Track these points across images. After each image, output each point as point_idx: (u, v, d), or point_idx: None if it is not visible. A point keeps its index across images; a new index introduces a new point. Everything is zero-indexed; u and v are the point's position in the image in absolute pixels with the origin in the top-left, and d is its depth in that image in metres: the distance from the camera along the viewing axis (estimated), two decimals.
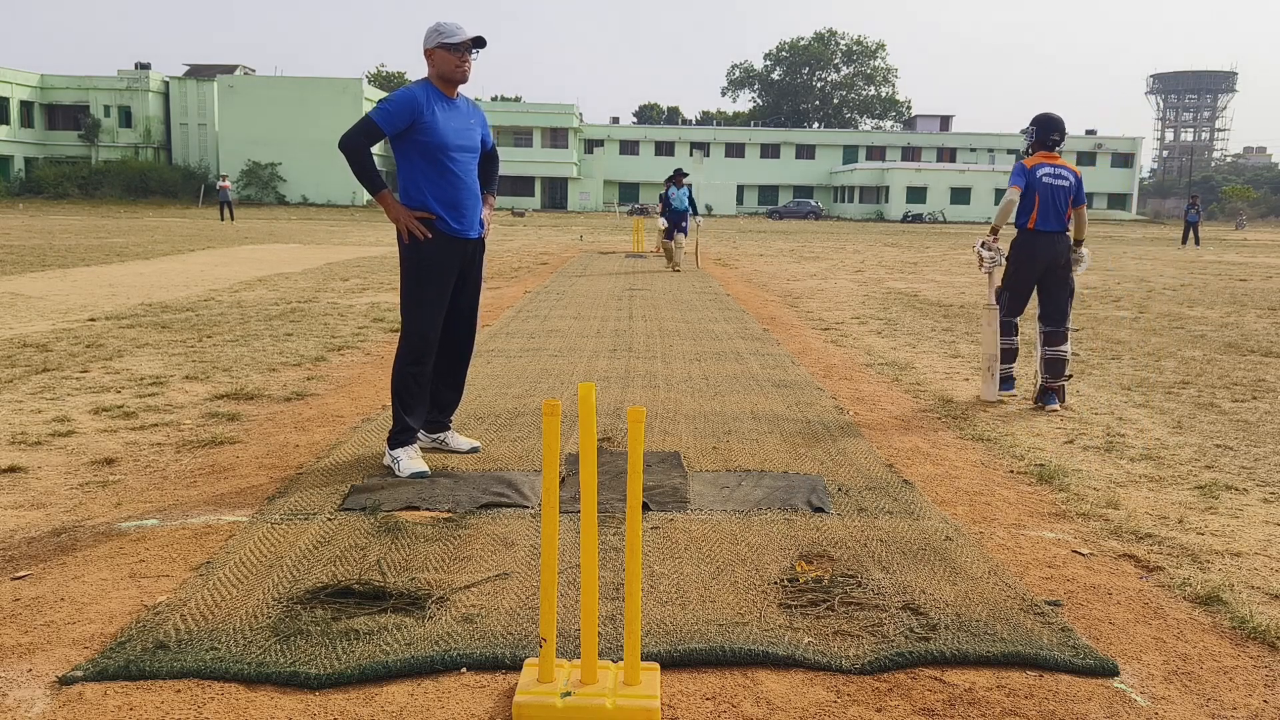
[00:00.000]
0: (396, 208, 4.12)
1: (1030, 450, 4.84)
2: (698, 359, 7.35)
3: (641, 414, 2.22)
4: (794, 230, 42.48)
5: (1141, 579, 3.18)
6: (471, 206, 4.23)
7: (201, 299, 10.94)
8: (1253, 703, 2.39)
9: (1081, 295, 13.46)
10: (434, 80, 4.13)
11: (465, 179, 4.19)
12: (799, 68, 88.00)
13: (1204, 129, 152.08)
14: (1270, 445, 5.02)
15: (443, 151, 4.09)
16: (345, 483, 3.98)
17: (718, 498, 3.87)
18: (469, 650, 2.50)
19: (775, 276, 16.42)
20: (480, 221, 4.31)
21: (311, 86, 60.65)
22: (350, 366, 6.94)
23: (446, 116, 4.10)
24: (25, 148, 60.16)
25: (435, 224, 4.13)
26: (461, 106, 4.21)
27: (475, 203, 4.26)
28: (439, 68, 4.08)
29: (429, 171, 4.10)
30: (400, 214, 4.11)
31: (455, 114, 4.15)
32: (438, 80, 4.12)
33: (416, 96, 4.04)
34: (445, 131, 4.08)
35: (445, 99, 4.13)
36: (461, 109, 4.20)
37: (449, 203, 4.14)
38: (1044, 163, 6.01)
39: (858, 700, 2.34)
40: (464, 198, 4.19)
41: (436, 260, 4.15)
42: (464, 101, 4.25)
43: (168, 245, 20.80)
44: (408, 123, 4.02)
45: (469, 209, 4.22)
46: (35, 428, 4.92)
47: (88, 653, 2.48)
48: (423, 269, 4.15)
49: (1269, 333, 9.70)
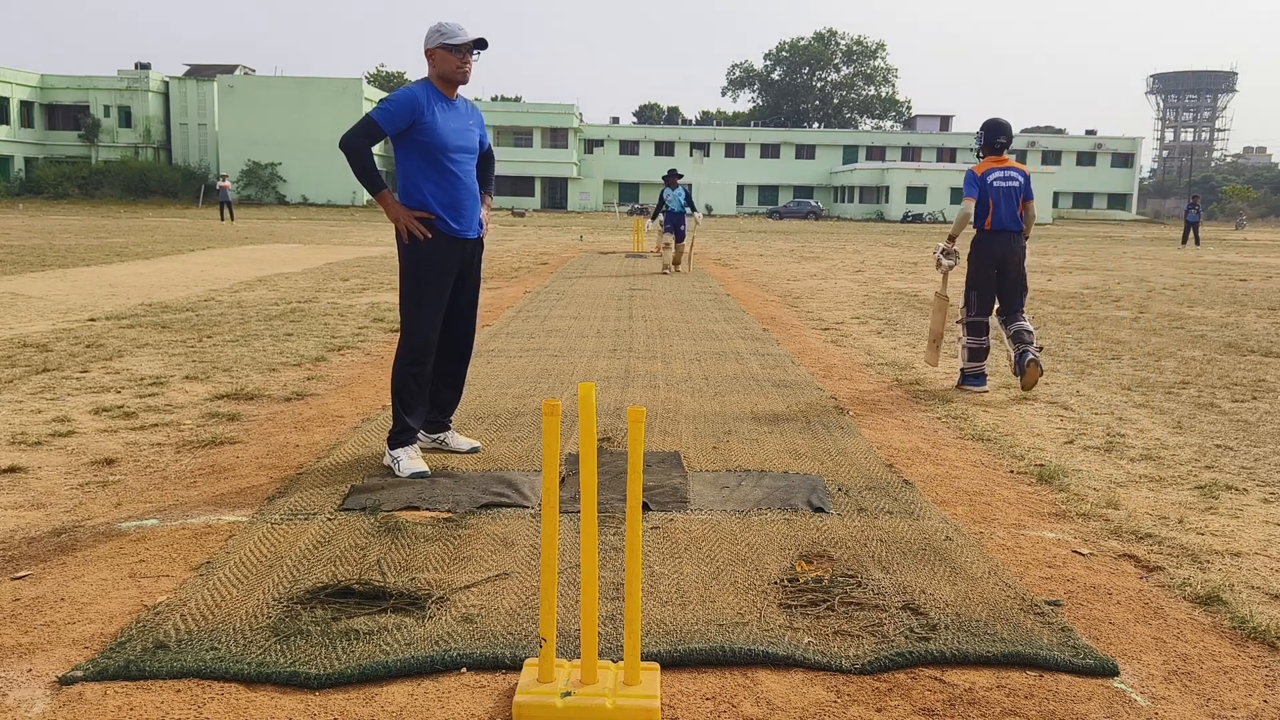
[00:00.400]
0: (396, 208, 4.11)
1: (1030, 450, 4.84)
2: (698, 359, 7.35)
3: (641, 414, 2.22)
4: (794, 230, 42.48)
5: (1141, 579, 3.18)
6: (470, 207, 4.23)
7: (201, 299, 10.94)
8: (1253, 703, 2.39)
9: (1081, 295, 13.47)
10: (434, 80, 4.12)
11: (464, 179, 4.19)
12: (799, 68, 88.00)
13: (1204, 129, 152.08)
14: (1270, 445, 5.02)
15: (442, 152, 4.08)
16: (345, 483, 3.98)
17: (718, 498, 3.87)
18: (469, 650, 2.50)
19: (775, 276, 16.42)
20: (479, 222, 4.31)
21: (311, 86, 60.65)
22: (350, 366, 6.94)
23: (446, 117, 4.09)
24: (25, 148, 60.16)
25: (434, 224, 4.12)
26: (461, 107, 4.21)
27: (474, 203, 4.25)
28: (439, 68, 4.07)
29: (428, 172, 4.10)
30: (400, 214, 4.11)
31: (455, 115, 4.15)
32: (438, 80, 4.11)
33: (417, 96, 4.04)
34: (445, 132, 4.07)
35: (445, 100, 4.12)
36: (461, 110, 4.20)
37: (448, 203, 4.14)
38: (994, 168, 6.40)
39: (858, 700, 2.34)
40: (463, 198, 4.18)
41: (435, 260, 4.15)
42: (463, 102, 4.25)
43: (168, 245, 20.80)
44: (408, 123, 4.02)
45: (468, 209, 4.21)
46: (35, 428, 4.92)
47: (88, 653, 2.48)
48: (422, 269, 4.15)
49: (1269, 333, 9.70)
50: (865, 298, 12.81)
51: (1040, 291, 13.92)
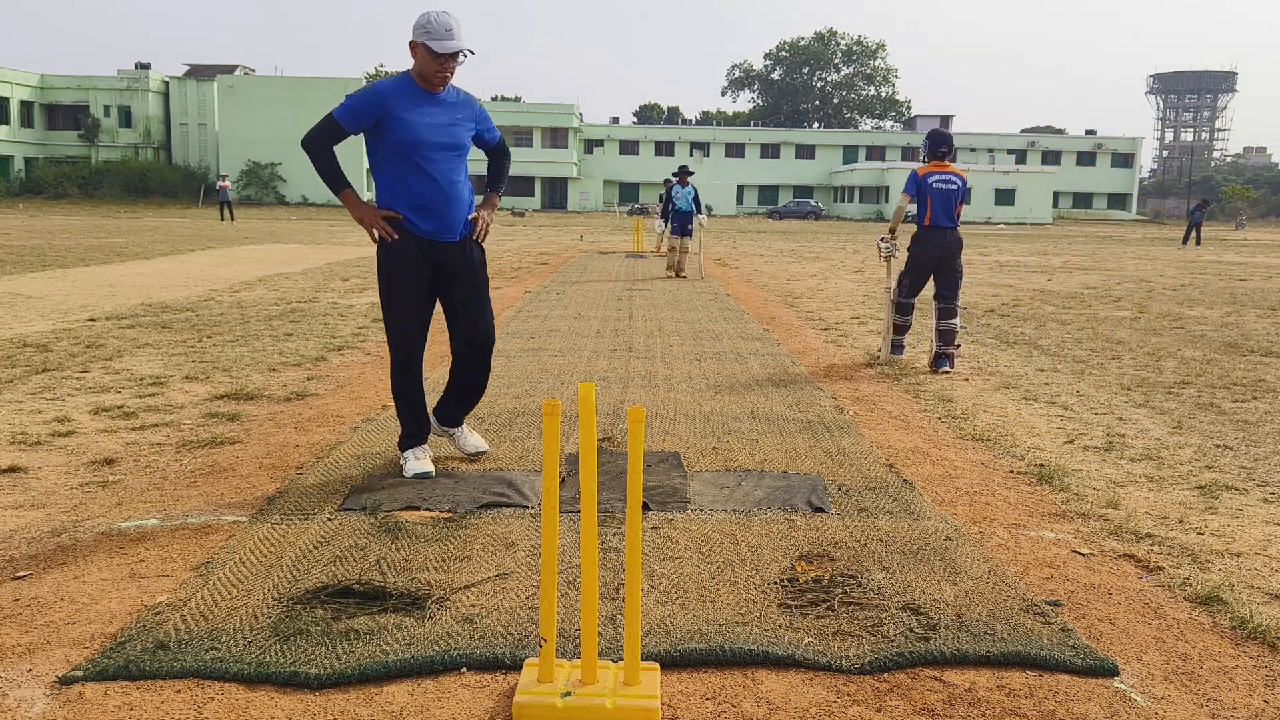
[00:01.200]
0: (360, 207, 3.92)
1: (1030, 450, 4.84)
2: (698, 359, 7.35)
3: (641, 414, 2.22)
4: (794, 230, 42.48)
5: (1141, 579, 3.18)
6: (446, 208, 3.95)
7: (201, 299, 10.94)
8: (1253, 703, 2.39)
9: (1081, 295, 13.47)
10: (415, 75, 3.89)
11: (439, 179, 3.92)
12: (799, 68, 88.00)
13: (1204, 129, 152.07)
14: (1270, 445, 5.02)
15: (414, 150, 3.85)
16: (345, 483, 3.98)
17: (718, 498, 3.87)
18: (469, 650, 2.50)
19: (775, 276, 16.43)
20: (465, 223, 4.05)
21: (311, 86, 60.62)
22: (350, 366, 6.94)
23: (422, 112, 3.85)
24: (25, 148, 60.16)
25: (402, 224, 3.92)
26: (447, 101, 3.95)
27: (451, 204, 3.96)
28: (419, 65, 3.84)
29: (398, 170, 3.89)
30: (364, 214, 3.92)
31: (436, 110, 3.90)
32: (418, 76, 3.88)
33: (383, 92, 3.82)
34: (418, 128, 3.83)
35: (425, 94, 3.88)
36: (446, 104, 3.94)
37: (416, 204, 3.91)
38: (935, 171, 7.23)
39: (858, 700, 2.34)
40: (435, 198, 3.92)
41: (402, 263, 3.94)
42: (453, 95, 3.99)
43: (168, 245, 20.80)
44: (373, 119, 3.82)
45: (442, 210, 3.95)
46: (35, 428, 4.92)
47: (88, 653, 2.48)
48: (389, 271, 3.96)
49: (1269, 333, 9.70)
50: (865, 298, 12.81)
51: (1040, 291, 13.93)
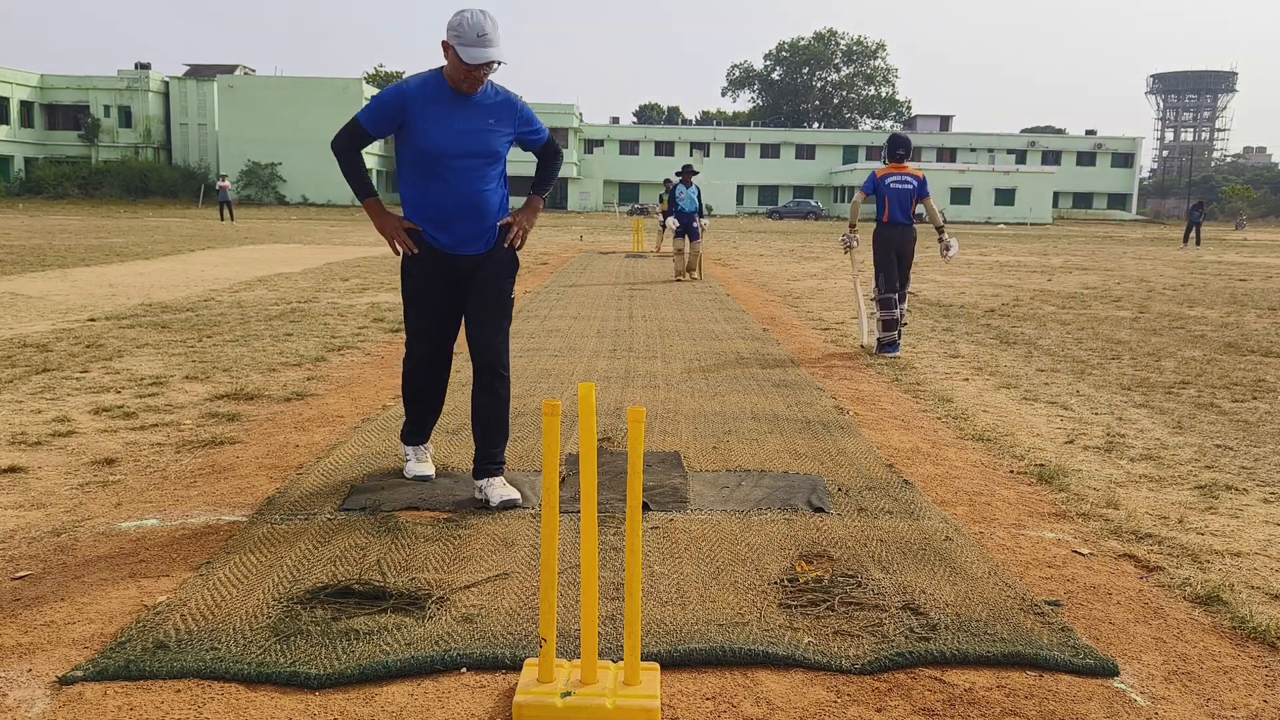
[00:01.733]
0: (382, 217, 3.67)
1: (1030, 450, 4.84)
2: (698, 359, 7.35)
3: (641, 414, 2.22)
4: (794, 230, 42.49)
5: (1141, 579, 3.18)
6: (469, 220, 3.65)
7: (201, 299, 10.93)
8: (1253, 703, 2.39)
9: (1081, 295, 13.47)
10: (446, 75, 3.54)
11: (460, 188, 3.59)
12: (799, 68, 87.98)
13: (1204, 129, 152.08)
14: (1270, 445, 5.02)
15: (433, 157, 3.55)
16: (345, 483, 3.98)
17: (718, 498, 3.87)
18: (469, 650, 2.50)
19: (775, 276, 16.42)
20: (489, 238, 3.73)
21: (311, 86, 60.63)
22: (350, 367, 6.94)
23: (449, 117, 3.53)
24: (25, 148, 60.15)
25: (422, 236, 3.69)
26: (483, 103, 3.59)
27: (475, 216, 3.66)
28: (450, 67, 3.51)
29: (417, 179, 3.62)
30: (385, 225, 3.66)
31: (462, 114, 3.55)
32: (449, 77, 3.53)
33: (406, 93, 3.53)
34: (437, 135, 3.52)
35: (456, 95, 3.54)
36: (481, 106, 3.59)
37: (433, 215, 3.64)
38: (892, 172, 7.93)
39: (858, 700, 2.34)
40: (457, 211, 3.62)
41: (420, 276, 3.74)
42: (491, 95, 3.61)
43: (168, 245, 20.79)
44: (396, 123, 3.55)
45: (465, 223, 3.65)
46: (35, 428, 4.91)
47: (88, 653, 2.48)
48: (408, 282, 3.81)
49: (1269, 333, 9.70)
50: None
51: (1040, 291, 13.93)
